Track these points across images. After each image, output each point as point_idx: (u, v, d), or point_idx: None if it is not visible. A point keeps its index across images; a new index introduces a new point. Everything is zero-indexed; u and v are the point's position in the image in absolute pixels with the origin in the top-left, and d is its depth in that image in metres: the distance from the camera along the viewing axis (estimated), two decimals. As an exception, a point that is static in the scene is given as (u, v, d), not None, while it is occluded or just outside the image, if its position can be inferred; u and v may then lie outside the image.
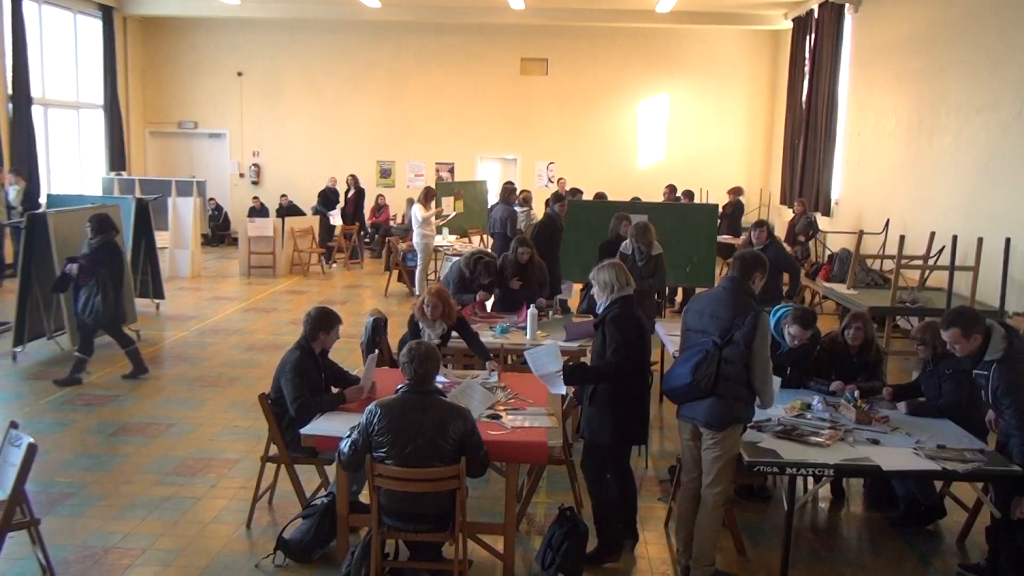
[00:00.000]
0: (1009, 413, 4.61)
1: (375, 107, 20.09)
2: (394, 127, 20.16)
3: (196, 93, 20.22)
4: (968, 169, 10.19)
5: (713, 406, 4.51)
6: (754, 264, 4.63)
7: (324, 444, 4.74)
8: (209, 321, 11.48)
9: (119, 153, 18.61)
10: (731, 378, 4.46)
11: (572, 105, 19.86)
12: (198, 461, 6.46)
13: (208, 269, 16.06)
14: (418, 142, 20.21)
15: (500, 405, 5.17)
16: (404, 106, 20.06)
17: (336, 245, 16.99)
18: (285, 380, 5.21)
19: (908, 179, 11.96)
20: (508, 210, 11.92)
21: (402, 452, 4.16)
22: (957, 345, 4.72)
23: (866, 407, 5.31)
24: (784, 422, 5.09)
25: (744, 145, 19.93)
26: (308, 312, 5.48)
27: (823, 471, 4.57)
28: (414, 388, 4.34)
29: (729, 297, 4.56)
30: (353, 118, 20.12)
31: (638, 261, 8.24)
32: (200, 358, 9.54)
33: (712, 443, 4.58)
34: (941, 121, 10.97)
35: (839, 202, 14.99)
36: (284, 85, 20.10)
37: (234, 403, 7.90)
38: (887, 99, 12.89)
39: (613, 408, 4.78)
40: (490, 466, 4.71)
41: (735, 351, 4.42)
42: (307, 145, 20.21)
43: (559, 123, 19.95)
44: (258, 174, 20.51)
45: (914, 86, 11.93)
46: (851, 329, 5.89)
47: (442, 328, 6.27)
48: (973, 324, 4.67)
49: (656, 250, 8.38)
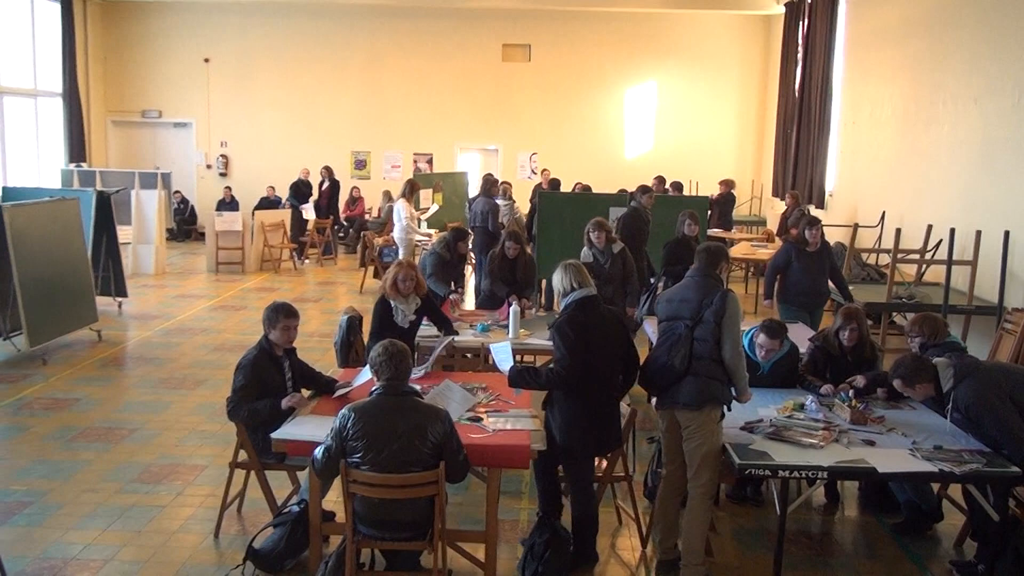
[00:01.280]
0: (989, 424, 4.71)
1: (350, 95, 20.02)
2: (370, 116, 20.11)
3: (160, 80, 20.07)
4: (966, 160, 10.27)
5: (688, 385, 4.68)
6: (718, 255, 4.95)
7: (296, 449, 4.71)
8: (174, 320, 11.40)
9: (79, 143, 18.46)
10: (704, 356, 4.66)
11: (556, 93, 19.87)
12: (163, 467, 6.42)
13: (173, 265, 15.96)
14: (395, 132, 20.16)
15: (481, 407, 5.17)
16: (380, 94, 20.00)
17: (309, 240, 16.92)
18: (234, 380, 5.18)
19: (904, 170, 12.04)
20: (490, 203, 11.91)
21: (378, 457, 4.14)
22: (908, 393, 5.09)
23: (861, 407, 5.34)
24: (776, 423, 5.11)
25: (735, 135, 20.01)
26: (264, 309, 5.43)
27: (816, 473, 4.58)
28: (389, 389, 4.32)
29: (696, 283, 4.85)
30: (327, 107, 20.04)
31: (603, 264, 8.12)
32: (165, 359, 9.47)
33: (691, 431, 4.67)
34: (938, 110, 11.05)
35: (833, 194, 15.08)
36: (253, 72, 19.99)
37: (201, 406, 7.86)
38: (882, 87, 12.97)
39: (565, 414, 4.82)
40: (471, 471, 4.71)
41: (706, 329, 4.67)
42: (278, 135, 20.12)
43: (542, 112, 19.95)
44: (226, 165, 20.40)
45: (910, 74, 12.01)
46: (845, 330, 5.91)
47: (416, 303, 6.39)
48: (914, 374, 4.94)
49: (617, 246, 8.19)
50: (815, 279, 8.26)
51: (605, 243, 8.12)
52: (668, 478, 4.96)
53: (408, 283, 6.35)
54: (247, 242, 15.50)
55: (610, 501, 5.67)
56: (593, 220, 8.31)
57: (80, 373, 8.79)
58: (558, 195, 12.23)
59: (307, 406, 5.19)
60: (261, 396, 5.14)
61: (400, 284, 6.34)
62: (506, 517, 5.42)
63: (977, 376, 4.82)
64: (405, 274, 6.35)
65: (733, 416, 4.99)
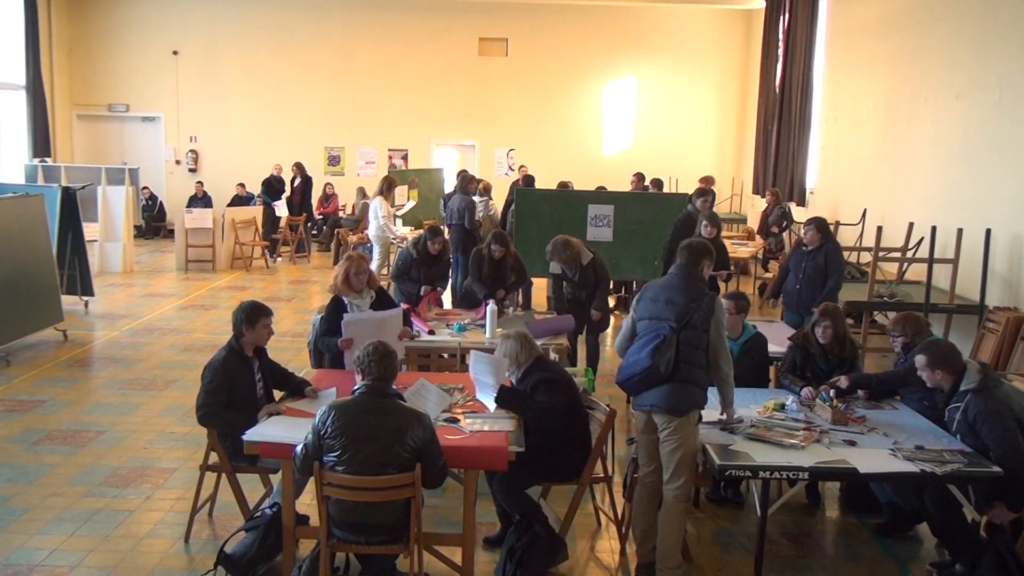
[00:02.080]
0: (991, 440, 4.75)
1: (323, 89, 19.94)
2: (344, 111, 20.04)
3: (128, 73, 19.90)
4: (947, 157, 10.38)
5: (672, 391, 4.67)
6: (701, 251, 4.91)
7: (268, 451, 4.69)
8: (143, 320, 11.32)
9: (43, 138, 18.27)
10: (691, 363, 4.66)
11: (534, 88, 19.89)
12: (131, 471, 6.37)
13: (141, 264, 15.84)
14: (369, 127, 20.11)
15: (457, 408, 5.18)
16: (354, 88, 19.94)
17: (281, 237, 16.85)
18: (202, 382, 5.15)
19: (886, 167, 12.15)
20: (466, 200, 11.91)
21: (355, 458, 4.14)
22: (923, 372, 5.11)
23: (842, 407, 5.39)
24: (757, 423, 5.15)
25: (715, 131, 20.12)
26: (235, 308, 5.40)
27: (797, 474, 4.63)
28: (372, 390, 4.33)
29: (682, 283, 4.79)
30: (299, 101, 19.95)
31: (572, 277, 8.06)
32: (133, 360, 9.41)
33: (668, 433, 4.69)
34: (919, 106, 11.16)
35: (814, 191, 15.19)
36: (224, 65, 19.86)
37: (170, 408, 7.81)
38: (864, 83, 13.08)
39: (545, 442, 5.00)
40: (448, 473, 4.71)
41: (694, 335, 4.66)
42: (249, 130, 20.01)
43: (520, 107, 19.97)
44: (195, 161, 20.27)
45: (892, 69, 12.12)
46: (820, 327, 5.96)
47: (371, 296, 6.30)
48: (943, 360, 5.02)
49: (585, 258, 7.99)
50: (807, 280, 8.27)
51: (573, 262, 7.94)
52: (644, 481, 4.99)
53: (361, 276, 6.23)
54: (217, 240, 15.41)
55: (589, 503, 5.69)
56: (557, 242, 7.93)
57: (45, 374, 8.72)
58: (535, 192, 12.23)
59: (280, 409, 5.16)
60: (231, 398, 5.09)
61: (353, 279, 6.21)
62: (484, 520, 5.43)
63: (1000, 390, 4.93)
64: (357, 267, 6.22)
65: (712, 416, 5.03)
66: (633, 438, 6.37)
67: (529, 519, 4.93)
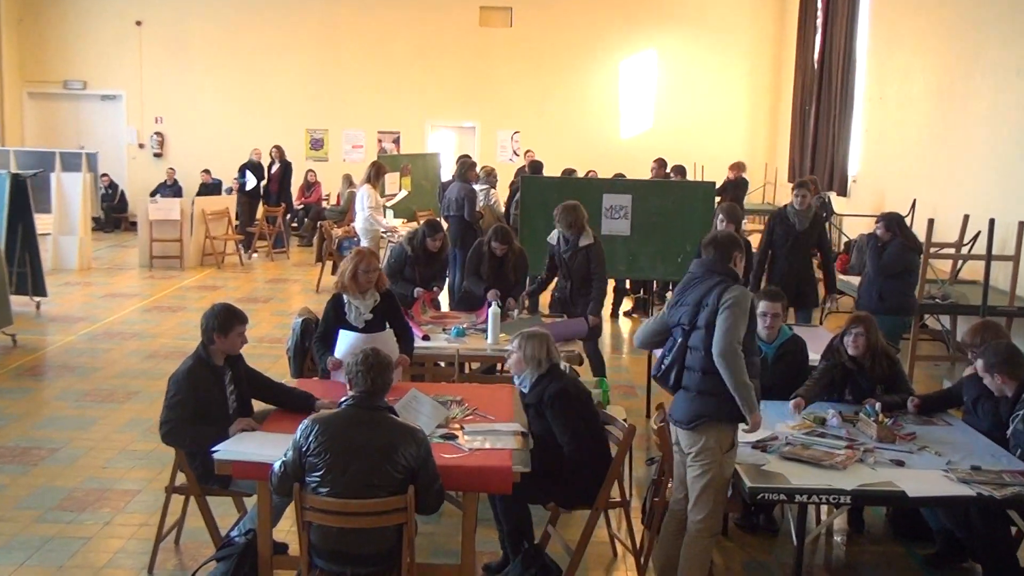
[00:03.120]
0: None
1: (305, 64, 19.95)
2: (328, 89, 20.05)
3: (85, 46, 19.94)
4: (1007, 141, 10.35)
5: (680, 400, 4.74)
6: (730, 244, 4.81)
7: (242, 471, 4.68)
8: (102, 323, 11.33)
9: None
10: (695, 368, 4.65)
11: (541, 63, 19.88)
12: (89, 493, 6.37)
13: (100, 260, 15.86)
14: (356, 107, 20.12)
15: (455, 422, 5.17)
16: (340, 64, 19.95)
17: (257, 231, 16.86)
18: (166, 396, 5.12)
19: (937, 153, 12.13)
20: (466, 189, 11.89)
21: (340, 477, 4.13)
22: (984, 378, 5.21)
23: (889, 422, 5.37)
24: (793, 441, 5.14)
25: (746, 112, 20.09)
26: (204, 312, 5.37)
27: (839, 498, 4.61)
28: (362, 402, 4.32)
29: (698, 280, 4.76)
30: (278, 77, 19.97)
31: (563, 253, 8.08)
32: (91, 368, 9.41)
33: (692, 456, 4.68)
34: (976, 83, 11.13)
35: (857, 180, 15.17)
36: (193, 37, 19.89)
37: (133, 422, 7.81)
38: (913, 58, 13.05)
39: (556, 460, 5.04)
40: (444, 497, 4.70)
41: (698, 337, 4.64)
42: (222, 110, 20.03)
43: (526, 85, 19.95)
44: (161, 144, 20.31)
45: (944, 43, 12.09)
46: (850, 335, 5.92)
47: (375, 299, 6.25)
48: (1004, 364, 5.14)
49: (587, 239, 8.01)
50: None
51: (572, 231, 8.01)
52: (674, 508, 4.97)
53: (370, 275, 6.18)
54: (186, 233, 15.42)
55: (604, 530, 5.66)
56: (568, 204, 8.06)
57: (-8, 384, 8.73)
58: (542, 180, 12.22)
59: (254, 424, 5.15)
60: (198, 413, 5.06)
61: (361, 276, 6.15)
62: (484, 548, 5.42)
63: None
64: (368, 264, 6.15)
65: (742, 435, 4.99)
66: (653, 458, 6.37)
67: (517, 536, 4.96)
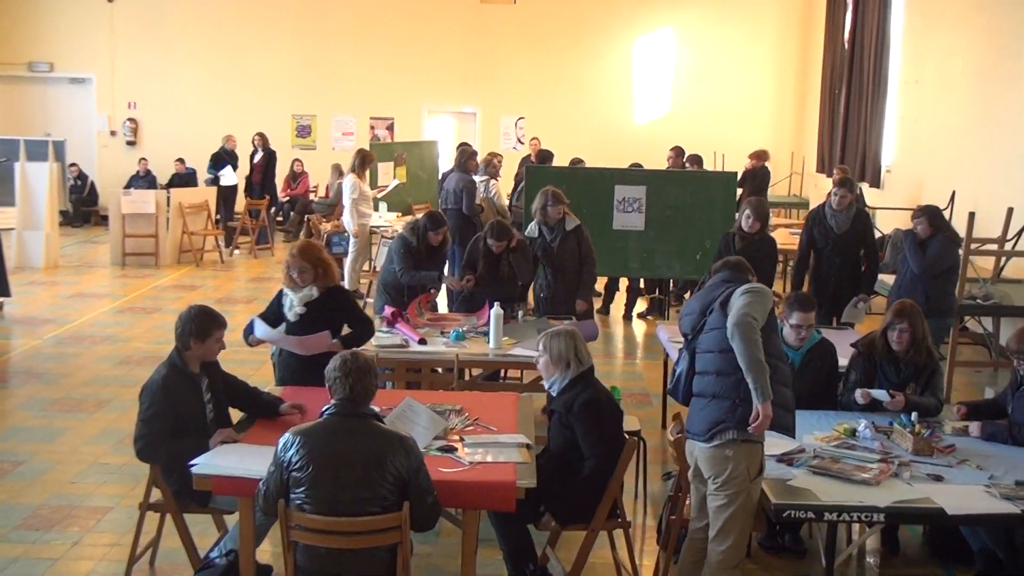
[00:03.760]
0: None
1: (291, 45, 19.93)
2: (316, 71, 20.03)
3: (51, 24, 19.94)
4: (1056, 127, 10.34)
5: (693, 410, 4.79)
6: (743, 270, 4.97)
7: (222, 487, 4.68)
8: (70, 325, 11.34)
9: (-51, 104, 18.33)
10: (708, 371, 4.69)
11: (548, 43, 19.86)
12: (56, 510, 6.37)
13: (68, 257, 15.87)
14: (347, 91, 20.11)
15: (454, 433, 5.16)
16: (329, 44, 19.93)
17: (239, 226, 16.85)
18: (139, 408, 5.11)
19: (979, 140, 12.11)
20: (465, 180, 11.90)
21: (326, 493, 4.13)
22: None
23: (927, 433, 5.36)
24: (822, 453, 5.13)
25: (771, 96, 20.07)
26: (180, 314, 5.36)
27: (872, 516, 4.61)
28: (343, 409, 4.32)
29: (707, 290, 4.88)
30: (262, 59, 19.95)
31: (550, 243, 8.18)
32: (58, 374, 9.42)
33: (716, 486, 4.65)
34: (1022, 65, 11.11)
35: (891, 170, 15.15)
36: (170, 14, 19.90)
37: (103, 433, 7.81)
38: (953, 37, 13.03)
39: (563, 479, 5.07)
40: (442, 515, 4.70)
41: (708, 339, 4.70)
42: (200, 95, 20.02)
43: (531, 67, 19.94)
44: (135, 132, 20.30)
45: (987, 19, 12.07)
46: (895, 330, 5.93)
47: (312, 294, 6.19)
48: None
49: (571, 222, 8.18)
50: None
51: (558, 218, 8.14)
52: (694, 536, 4.97)
53: (304, 275, 6.19)
54: (161, 228, 15.42)
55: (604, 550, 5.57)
56: (548, 190, 8.25)
57: (-49, 392, 8.74)
58: (548, 170, 12.21)
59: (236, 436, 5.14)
60: (175, 425, 5.06)
61: (297, 277, 6.20)
62: (486, 572, 5.42)
63: None
64: (294, 264, 6.18)
65: (767, 447, 4.96)
66: (670, 472, 6.37)
67: (519, 558, 4.98)
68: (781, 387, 4.60)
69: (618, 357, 10.80)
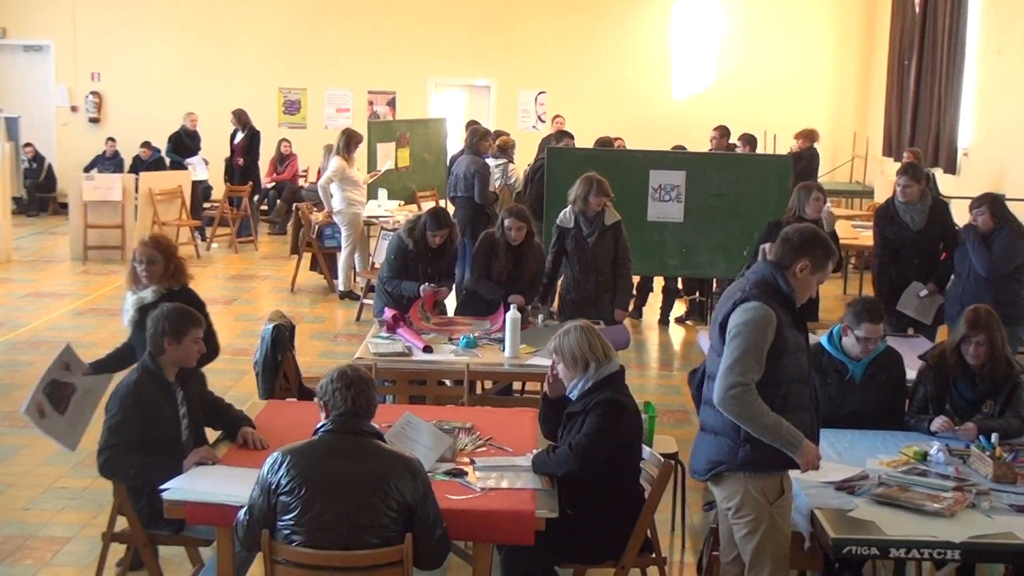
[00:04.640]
0: None
1: (277, 9, 19.97)
2: (306, 40, 20.05)
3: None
4: None
5: (696, 443, 4.84)
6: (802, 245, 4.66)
7: (197, 514, 4.69)
8: (24, 329, 11.38)
9: None
10: (710, 401, 4.66)
11: (574, 6, 19.86)
12: (8, 540, 6.40)
13: (23, 251, 15.95)
14: (342, 62, 20.13)
15: (464, 455, 5.17)
16: (321, 7, 19.97)
17: (218, 215, 16.86)
18: (105, 416, 5.13)
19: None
20: (477, 163, 11.91)
21: (320, 519, 4.13)
22: None
23: (1009, 457, 5.34)
24: (888, 480, 5.11)
25: (830, 69, 20.01)
26: (151, 314, 5.38)
27: (945, 552, 4.59)
28: (342, 426, 4.33)
29: (730, 292, 4.79)
30: (244, 25, 19.99)
31: (586, 236, 8.19)
32: (11, 385, 9.45)
33: (732, 513, 4.70)
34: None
35: (968, 153, 15.08)
36: (139, -26, 19.99)
37: (62, 453, 7.75)
38: (1041, 0, 12.98)
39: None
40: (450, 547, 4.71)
41: (711, 363, 4.72)
42: (174, 65, 20.04)
43: (553, 35, 19.93)
44: (99, 107, 20.34)
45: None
46: (970, 343, 5.88)
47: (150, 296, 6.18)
48: None
49: (611, 217, 8.19)
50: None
51: (598, 210, 8.14)
52: (727, 571, 4.99)
53: (152, 267, 6.20)
54: (129, 217, 15.46)
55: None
56: (593, 177, 8.22)
57: None
58: (573, 152, 12.19)
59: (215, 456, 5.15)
60: (146, 438, 5.07)
61: (142, 271, 6.20)
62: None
63: None
64: (142, 253, 6.20)
65: (824, 472, 4.95)
66: (712, 502, 6.36)
67: None
68: (798, 413, 4.60)
69: (652, 368, 10.76)
